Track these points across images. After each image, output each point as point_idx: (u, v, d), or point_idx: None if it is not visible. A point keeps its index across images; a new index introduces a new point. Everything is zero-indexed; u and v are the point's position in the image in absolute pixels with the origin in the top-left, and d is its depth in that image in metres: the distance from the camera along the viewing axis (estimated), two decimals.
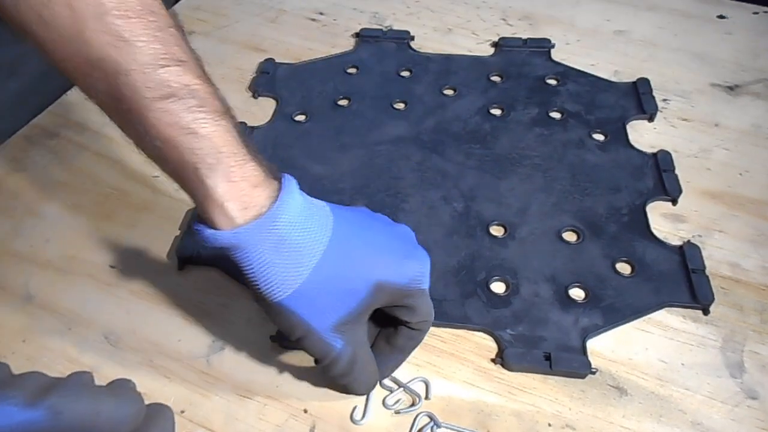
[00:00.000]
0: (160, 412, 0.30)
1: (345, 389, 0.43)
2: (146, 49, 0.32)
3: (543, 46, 0.73)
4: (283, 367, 0.47)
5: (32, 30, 0.31)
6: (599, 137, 0.62)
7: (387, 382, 0.45)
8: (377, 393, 0.45)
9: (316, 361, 0.41)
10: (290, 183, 0.36)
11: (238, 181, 0.35)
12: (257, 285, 0.36)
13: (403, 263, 0.39)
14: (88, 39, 0.31)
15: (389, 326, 0.43)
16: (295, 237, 0.35)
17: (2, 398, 0.24)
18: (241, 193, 0.35)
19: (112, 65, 0.32)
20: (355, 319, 0.38)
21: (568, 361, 0.45)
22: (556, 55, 0.72)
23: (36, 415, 0.24)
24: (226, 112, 0.36)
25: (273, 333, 0.48)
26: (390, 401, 0.44)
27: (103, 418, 0.26)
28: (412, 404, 0.44)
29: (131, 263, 0.54)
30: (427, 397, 0.44)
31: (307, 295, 0.36)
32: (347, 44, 0.76)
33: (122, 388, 0.29)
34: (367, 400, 0.44)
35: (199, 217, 0.36)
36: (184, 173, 0.35)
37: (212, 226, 0.35)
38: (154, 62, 0.32)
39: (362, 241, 0.38)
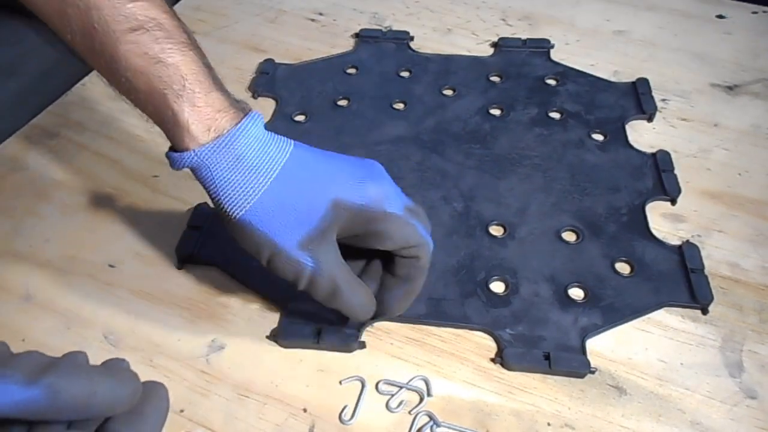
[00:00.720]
0: (154, 390, 0.31)
1: (345, 318, 0.45)
2: None
3: (542, 46, 0.73)
4: (282, 367, 0.47)
5: None
6: (599, 137, 0.62)
7: (386, 386, 0.45)
8: (376, 396, 0.45)
9: (296, 288, 0.40)
10: (256, 115, 0.39)
11: (202, 106, 0.38)
12: (219, 202, 0.38)
13: (360, 184, 0.39)
14: None
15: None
16: (251, 156, 0.38)
17: (1, 376, 0.24)
18: (206, 117, 0.38)
19: (84, 1, 0.36)
20: (320, 236, 0.39)
21: (567, 361, 0.45)
22: (556, 55, 0.72)
23: (35, 393, 0.25)
24: (193, 44, 0.39)
25: (272, 332, 0.48)
26: (393, 404, 0.44)
27: (100, 397, 0.27)
28: (420, 401, 0.44)
29: (131, 263, 0.54)
30: (429, 394, 0.44)
31: (266, 211, 0.38)
32: (347, 44, 0.76)
33: (117, 367, 0.29)
34: (358, 400, 0.44)
35: (170, 147, 0.40)
36: (153, 101, 0.38)
37: (180, 150, 0.38)
38: None
39: (321, 164, 0.40)
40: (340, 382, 0.45)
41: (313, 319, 0.48)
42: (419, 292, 0.44)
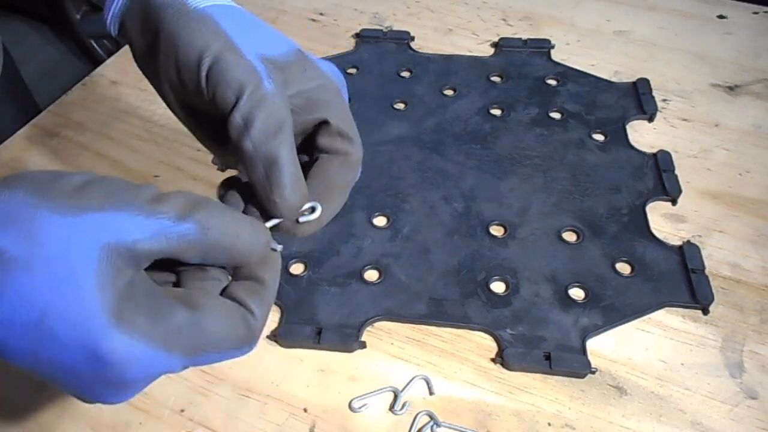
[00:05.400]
0: (272, 259, 0.31)
1: (266, 214, 0.33)
2: None
3: (543, 46, 0.73)
4: (282, 367, 0.47)
5: None
6: (599, 137, 0.62)
7: (387, 393, 0.45)
8: (378, 396, 0.45)
9: (233, 102, 0.31)
10: None
11: None
12: None
13: (324, 62, 0.37)
14: None
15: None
16: None
17: (155, 213, 0.25)
18: None
19: None
20: (278, 64, 0.33)
21: (567, 361, 0.45)
22: (556, 55, 0.72)
23: (186, 227, 0.26)
24: None
25: (272, 332, 0.48)
26: (396, 407, 0.44)
27: (242, 240, 0.28)
28: (395, 398, 0.44)
29: None
30: (431, 393, 0.44)
31: (232, 16, 0.33)
32: (347, 44, 0.76)
33: (252, 216, 0.30)
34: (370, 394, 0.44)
35: None
36: None
37: None
38: None
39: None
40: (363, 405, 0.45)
41: (313, 319, 0.48)
42: (345, 198, 0.37)
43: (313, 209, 0.34)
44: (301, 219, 0.33)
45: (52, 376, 0.26)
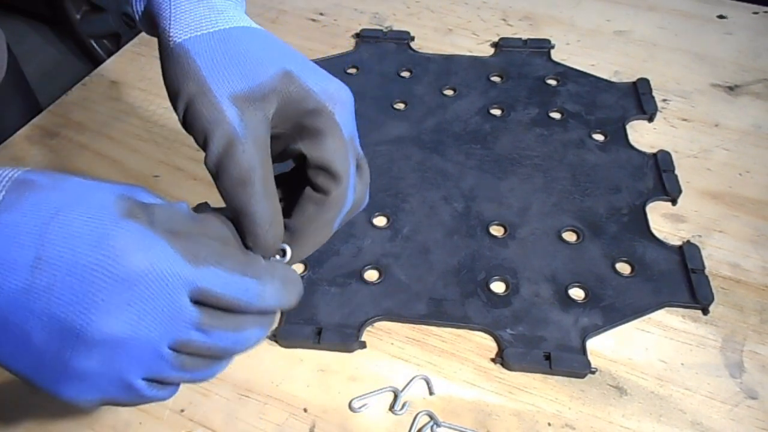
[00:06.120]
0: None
1: (246, 227, 0.33)
2: None
3: (543, 46, 0.73)
4: (282, 367, 0.47)
5: None
6: (599, 137, 0.62)
7: (387, 393, 0.45)
8: (378, 396, 0.45)
9: (204, 147, 0.32)
10: None
11: None
12: (164, 26, 0.34)
13: (318, 71, 0.35)
14: None
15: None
16: (220, 1, 0.35)
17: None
18: None
19: None
20: (258, 99, 0.33)
21: (567, 361, 0.45)
22: (556, 55, 0.72)
23: (179, 206, 0.30)
24: None
25: (272, 332, 0.48)
26: (396, 407, 0.44)
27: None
28: (395, 398, 0.44)
29: None
30: (431, 393, 0.45)
31: (209, 48, 0.33)
32: (347, 44, 0.76)
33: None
34: (371, 393, 0.44)
35: None
36: None
37: None
38: None
39: (278, 41, 0.36)
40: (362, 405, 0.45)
41: (313, 319, 0.48)
42: (323, 235, 0.36)
43: (283, 252, 0.33)
44: (272, 260, 0.33)
45: (50, 289, 0.25)
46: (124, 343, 0.26)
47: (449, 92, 0.68)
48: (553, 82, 0.69)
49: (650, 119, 0.64)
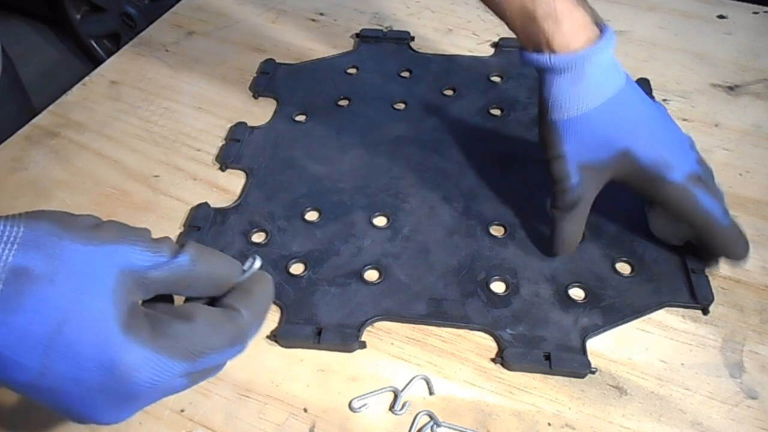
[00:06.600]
0: (262, 277, 0.34)
1: (553, 237, 0.50)
2: None
3: None
4: (282, 367, 0.47)
5: None
6: None
7: (387, 393, 0.45)
8: (378, 396, 0.45)
9: (553, 185, 0.48)
10: (609, 35, 0.46)
11: (564, 22, 0.45)
12: (549, 104, 0.46)
13: (658, 145, 0.46)
14: None
15: None
16: (591, 78, 0.45)
17: (158, 249, 0.30)
18: (567, 33, 0.45)
19: None
20: (596, 168, 0.47)
21: (568, 361, 0.45)
22: None
23: (181, 259, 0.30)
24: None
25: (272, 332, 0.48)
26: (396, 407, 0.44)
27: (220, 268, 0.33)
28: (394, 398, 0.44)
29: None
30: (431, 393, 0.44)
31: (576, 127, 0.46)
32: (347, 45, 0.76)
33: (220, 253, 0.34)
34: (371, 393, 0.44)
35: (523, 47, 0.48)
36: (522, 21, 0.47)
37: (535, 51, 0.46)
38: None
39: (636, 110, 0.46)
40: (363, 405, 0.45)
41: (313, 319, 0.48)
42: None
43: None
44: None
45: (56, 390, 0.28)
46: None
47: (449, 92, 0.68)
48: None
49: None
